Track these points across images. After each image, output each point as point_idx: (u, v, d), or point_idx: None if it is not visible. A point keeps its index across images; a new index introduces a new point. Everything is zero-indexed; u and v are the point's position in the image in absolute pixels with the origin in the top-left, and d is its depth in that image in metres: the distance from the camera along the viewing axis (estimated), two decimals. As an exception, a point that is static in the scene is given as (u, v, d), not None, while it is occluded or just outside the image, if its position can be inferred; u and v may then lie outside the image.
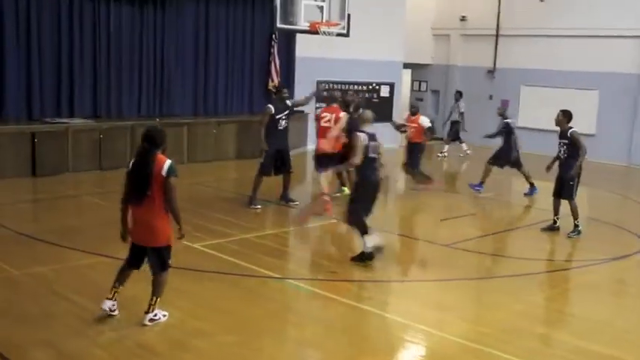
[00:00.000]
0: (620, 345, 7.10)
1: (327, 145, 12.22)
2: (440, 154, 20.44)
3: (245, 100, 19.16)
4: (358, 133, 9.35)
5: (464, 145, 20.66)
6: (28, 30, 15.46)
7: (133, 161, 6.75)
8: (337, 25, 16.03)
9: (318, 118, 12.70)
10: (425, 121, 14.85)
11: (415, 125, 14.69)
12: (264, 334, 7.03)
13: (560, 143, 11.34)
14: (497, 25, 22.47)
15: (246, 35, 19.02)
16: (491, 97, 22.26)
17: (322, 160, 12.24)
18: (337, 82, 20.11)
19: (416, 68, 24.39)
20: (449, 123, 21.12)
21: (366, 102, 16.46)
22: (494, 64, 22.76)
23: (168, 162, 6.63)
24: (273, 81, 19.10)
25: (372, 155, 9.29)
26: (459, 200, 14.57)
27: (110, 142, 15.75)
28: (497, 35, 22.57)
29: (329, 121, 12.25)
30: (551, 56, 20.95)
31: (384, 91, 20.78)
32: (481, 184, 14.69)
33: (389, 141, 14.69)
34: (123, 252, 7.89)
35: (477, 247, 10.59)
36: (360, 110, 11.65)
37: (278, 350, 6.78)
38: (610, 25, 19.62)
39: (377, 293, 8.68)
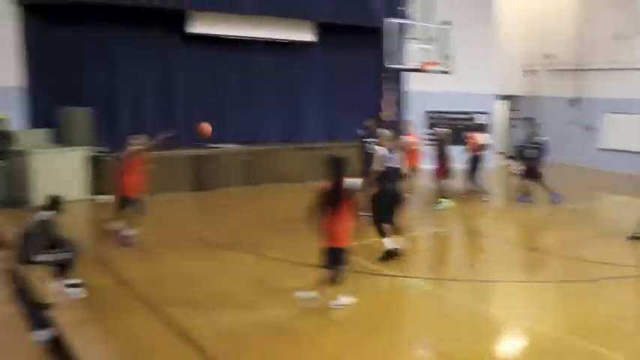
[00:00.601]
0: None
1: None
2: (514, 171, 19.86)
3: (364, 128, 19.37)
4: (377, 147, 9.58)
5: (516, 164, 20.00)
6: (191, 76, 16.49)
7: (326, 183, 7.26)
8: (440, 64, 16.13)
9: None
10: (480, 137, 15.11)
11: (475, 141, 14.97)
12: (383, 323, 7.20)
13: None
14: (579, 61, 21.83)
15: (363, 74, 19.26)
16: (574, 124, 21.64)
17: None
18: (441, 112, 20.10)
19: (510, 99, 24.03)
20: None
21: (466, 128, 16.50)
22: (578, 94, 22.09)
23: (351, 180, 7.25)
24: (385, 112, 19.31)
25: (390, 167, 9.44)
26: (544, 212, 14.25)
27: (254, 163, 16.39)
28: (578, 70, 21.92)
29: None
30: (631, 86, 20.15)
31: (481, 119, 20.56)
32: (557, 194, 14.37)
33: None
34: (269, 252, 8.23)
35: (568, 252, 10.34)
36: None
37: (392, 338, 6.94)
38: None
39: (484, 292, 8.64)
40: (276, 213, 13.16)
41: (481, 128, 16.27)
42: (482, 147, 14.93)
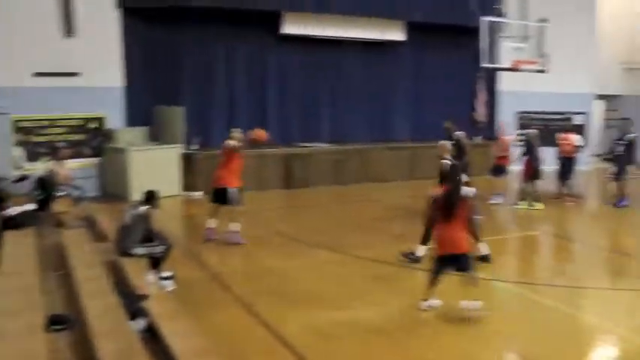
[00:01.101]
0: None
1: None
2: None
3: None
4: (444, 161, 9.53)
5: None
6: (284, 76, 16.79)
7: (443, 190, 7.38)
8: (536, 62, 15.67)
9: None
10: (576, 139, 14.56)
11: (567, 142, 14.44)
12: (472, 325, 7.04)
13: None
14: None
15: (455, 73, 18.97)
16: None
17: None
18: (535, 113, 19.54)
19: (608, 99, 23.05)
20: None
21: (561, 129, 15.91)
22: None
23: (468, 189, 7.41)
24: (477, 112, 19.01)
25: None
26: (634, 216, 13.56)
27: (344, 162, 16.46)
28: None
29: None
30: None
31: (578, 120, 19.82)
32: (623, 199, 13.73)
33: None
34: (357, 251, 8.25)
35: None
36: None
37: (482, 341, 6.82)
38: None
39: (576, 298, 8.32)
40: (364, 212, 13.16)
41: (576, 129, 15.62)
42: (576, 149, 14.38)
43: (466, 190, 7.26)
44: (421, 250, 9.16)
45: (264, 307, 7.33)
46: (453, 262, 7.15)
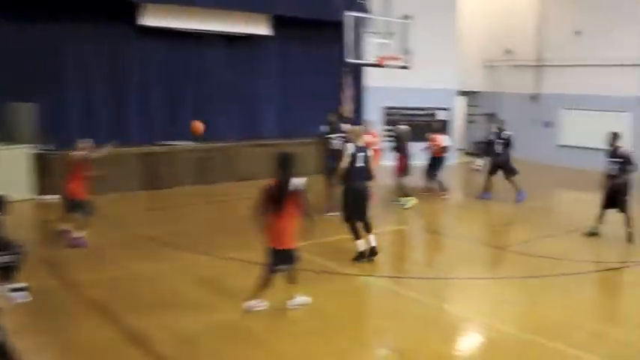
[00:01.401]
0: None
1: None
2: (474, 167, 20.13)
3: (322, 123, 19.31)
4: (348, 144, 9.62)
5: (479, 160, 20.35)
6: (144, 71, 16.37)
7: (273, 180, 7.15)
8: (399, 59, 16.28)
9: None
10: (443, 139, 15.16)
11: (436, 143, 14.93)
12: (342, 322, 7.25)
13: (611, 162, 11.14)
14: (539, 56, 22.27)
15: (321, 68, 19.25)
16: (536, 120, 22.01)
17: None
18: (400, 108, 20.33)
19: (469, 95, 24.37)
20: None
21: (425, 124, 16.57)
22: (537, 90, 22.54)
23: (298, 179, 7.11)
24: (344, 107, 19.36)
25: (358, 165, 9.43)
26: (505, 209, 14.46)
27: (210, 160, 16.32)
28: (538, 65, 22.37)
29: None
30: (588, 83, 20.60)
31: (441, 116, 20.79)
32: (523, 193, 14.61)
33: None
34: (223, 252, 8.26)
35: (527, 249, 10.49)
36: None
37: (358, 336, 7.01)
38: (638, 55, 19.30)
39: (443, 290, 8.75)
40: (230, 212, 13.12)
41: (442, 127, 16.33)
42: (444, 149, 15.06)
43: (296, 182, 7.09)
44: (360, 245, 9.38)
45: (126, 315, 7.16)
46: (283, 257, 7.21)
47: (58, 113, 15.02)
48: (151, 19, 15.82)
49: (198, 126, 10.39)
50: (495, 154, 14.65)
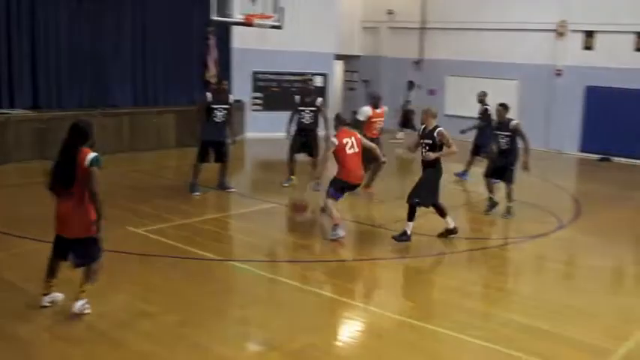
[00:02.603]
0: (542, 315, 7.22)
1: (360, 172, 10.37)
2: (394, 141, 20.35)
3: (184, 90, 18.85)
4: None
5: (401, 134, 20.67)
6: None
7: (58, 154, 6.51)
8: (271, 17, 16.01)
9: (340, 148, 10.09)
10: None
11: (382, 119, 12.88)
12: (207, 313, 7.01)
13: (499, 135, 11.49)
14: (423, 19, 22.71)
15: (183, 26, 18.73)
16: (419, 87, 22.44)
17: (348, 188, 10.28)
18: (272, 73, 20.12)
19: (347, 59, 24.49)
20: (401, 111, 21.30)
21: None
22: (421, 55, 23.00)
23: (92, 154, 6.41)
24: (209, 71, 18.91)
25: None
26: (394, 184, 14.57)
27: (52, 132, 15.38)
28: (422, 28, 22.81)
29: (352, 146, 10.04)
30: (474, 48, 21.23)
31: (318, 82, 20.76)
32: (465, 172, 14.91)
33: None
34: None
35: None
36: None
37: (220, 329, 6.77)
38: (525, 20, 20.01)
39: (316, 273, 8.68)
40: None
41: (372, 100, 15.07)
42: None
43: (93, 156, 6.37)
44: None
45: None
46: (69, 247, 6.60)
47: None
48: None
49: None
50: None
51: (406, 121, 21.17)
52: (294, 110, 13.18)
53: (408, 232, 9.47)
